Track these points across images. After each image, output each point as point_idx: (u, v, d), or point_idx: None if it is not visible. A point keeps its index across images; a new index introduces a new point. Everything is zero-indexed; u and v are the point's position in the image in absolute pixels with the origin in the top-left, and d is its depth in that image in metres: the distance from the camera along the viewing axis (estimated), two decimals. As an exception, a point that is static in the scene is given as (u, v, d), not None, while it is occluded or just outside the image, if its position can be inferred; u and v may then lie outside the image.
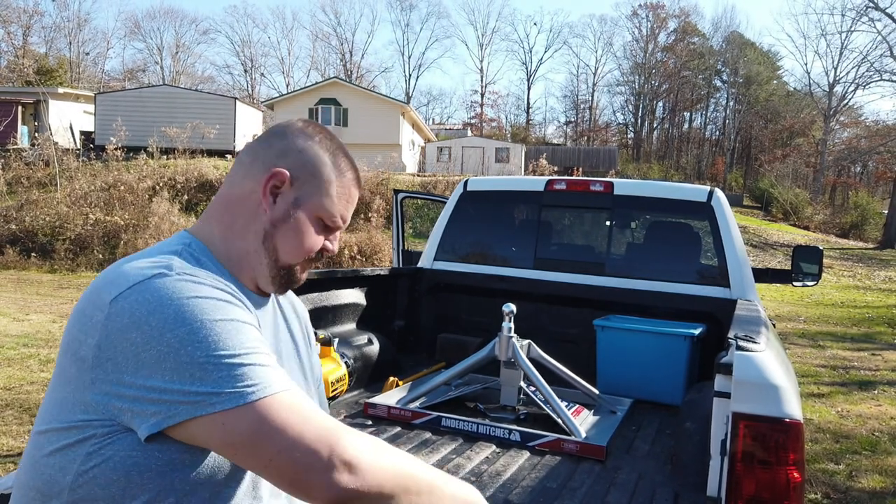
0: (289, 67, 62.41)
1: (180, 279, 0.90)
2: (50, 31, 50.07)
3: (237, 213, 1.06)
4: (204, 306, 0.88)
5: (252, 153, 1.08)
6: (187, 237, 1.06)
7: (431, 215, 15.02)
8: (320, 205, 1.07)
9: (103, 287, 0.92)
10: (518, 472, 2.25)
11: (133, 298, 0.87)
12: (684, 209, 3.76)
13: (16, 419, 4.73)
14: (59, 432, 0.91)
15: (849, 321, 11.84)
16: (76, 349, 0.90)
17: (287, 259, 1.07)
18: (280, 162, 1.05)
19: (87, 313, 0.91)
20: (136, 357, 0.85)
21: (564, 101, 78.69)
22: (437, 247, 4.11)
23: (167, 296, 0.87)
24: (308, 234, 1.07)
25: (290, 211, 1.05)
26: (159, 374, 0.84)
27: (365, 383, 3.26)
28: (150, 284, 0.89)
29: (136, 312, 0.86)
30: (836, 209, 37.60)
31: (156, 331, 0.85)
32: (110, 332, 0.87)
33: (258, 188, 1.04)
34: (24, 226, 15.84)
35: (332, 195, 1.07)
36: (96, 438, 0.88)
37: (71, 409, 0.90)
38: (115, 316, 0.87)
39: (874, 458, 4.77)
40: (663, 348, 3.16)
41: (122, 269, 0.94)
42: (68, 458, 0.90)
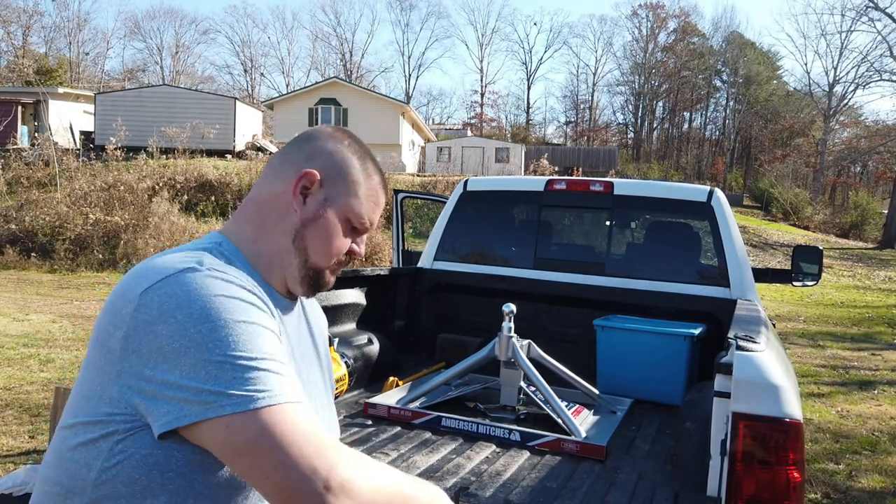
0: (289, 67, 62.45)
1: (210, 275, 0.91)
2: (50, 31, 50.11)
3: (268, 214, 1.08)
4: (229, 305, 0.88)
5: (282, 156, 1.11)
6: (218, 237, 1.07)
7: (431, 215, 15.01)
8: (349, 205, 1.09)
9: (134, 280, 0.93)
10: (518, 472, 2.25)
11: (163, 291, 0.89)
12: (684, 209, 3.76)
13: (16, 419, 4.73)
14: (85, 426, 0.92)
15: (849, 321, 11.84)
16: (105, 340, 0.91)
17: (316, 259, 1.08)
18: (310, 164, 1.07)
19: (117, 306, 0.92)
20: (160, 350, 0.86)
21: (564, 101, 78.77)
22: (437, 247, 4.11)
23: (195, 290, 0.88)
24: (337, 234, 1.09)
25: (320, 210, 1.07)
26: (178, 370, 0.85)
27: (365, 383, 3.26)
28: (180, 278, 0.90)
29: (165, 305, 0.87)
30: (836, 209, 37.62)
31: (181, 324, 0.86)
32: (138, 324, 0.88)
33: (288, 189, 1.06)
34: (24, 226, 15.84)
35: (360, 196, 1.10)
36: (119, 434, 0.89)
37: (97, 402, 0.91)
38: (143, 308, 0.88)
39: (874, 458, 4.78)
40: (663, 348, 3.16)
41: (153, 263, 0.95)
42: (92, 454, 0.91)
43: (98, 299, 10.75)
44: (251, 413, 0.84)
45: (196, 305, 0.87)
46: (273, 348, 0.90)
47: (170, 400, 0.85)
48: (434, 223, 4.24)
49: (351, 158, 1.10)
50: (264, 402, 0.84)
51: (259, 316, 0.91)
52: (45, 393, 5.31)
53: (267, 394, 0.85)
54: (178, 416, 0.85)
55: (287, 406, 0.86)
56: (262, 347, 0.88)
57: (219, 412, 0.84)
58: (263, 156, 21.89)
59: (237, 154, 23.37)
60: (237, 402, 0.84)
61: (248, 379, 0.85)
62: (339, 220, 1.08)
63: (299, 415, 0.86)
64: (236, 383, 0.84)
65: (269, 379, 0.86)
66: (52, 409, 3.62)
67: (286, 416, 0.85)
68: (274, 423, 0.84)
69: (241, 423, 0.84)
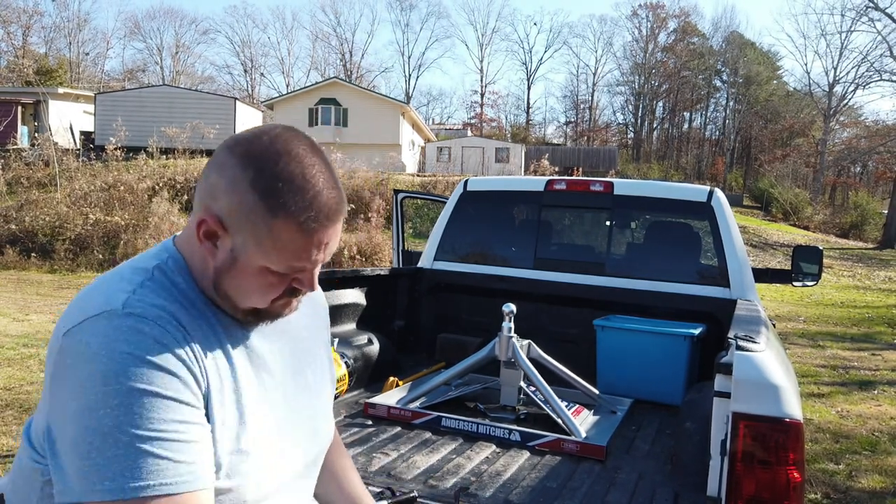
0: (289, 67, 62.48)
1: (125, 323, 0.84)
2: (50, 31, 50.12)
3: (194, 252, 0.96)
4: (133, 370, 0.81)
5: (197, 189, 0.95)
6: (170, 249, 0.99)
7: (431, 215, 15.01)
8: (260, 257, 0.89)
9: (67, 314, 0.90)
10: (518, 472, 2.25)
11: (78, 338, 0.85)
12: (684, 209, 3.76)
13: (16, 419, 4.73)
14: (28, 450, 0.92)
15: (849, 321, 11.84)
16: (46, 376, 0.89)
17: (248, 303, 0.94)
18: (212, 204, 0.90)
19: (51, 341, 0.89)
20: (64, 405, 0.83)
21: (564, 101, 78.75)
22: (437, 247, 4.11)
23: (104, 344, 0.83)
24: (259, 285, 0.92)
25: (228, 261, 0.91)
26: (72, 429, 0.81)
27: (365, 383, 3.26)
28: (96, 325, 0.85)
29: (77, 356, 0.84)
30: (835, 209, 37.61)
31: (83, 382, 0.82)
32: (57, 368, 0.86)
33: (194, 233, 0.93)
34: (24, 226, 15.84)
35: (266, 247, 0.88)
36: (45, 474, 0.88)
37: (39, 435, 0.90)
38: (63, 352, 0.85)
39: (874, 458, 4.78)
40: (663, 348, 3.16)
41: (84, 294, 0.92)
42: (31, 486, 0.91)
43: (98, 299, 10.75)
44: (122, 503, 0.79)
45: (99, 364, 0.81)
46: (168, 424, 0.82)
47: (62, 467, 0.82)
48: (434, 223, 4.23)
49: (251, 197, 0.87)
50: (132, 493, 0.79)
51: (165, 382, 0.83)
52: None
53: (137, 483, 0.79)
54: (62, 489, 0.82)
55: (155, 501, 0.79)
56: (154, 423, 0.81)
57: (90, 497, 0.79)
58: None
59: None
60: (107, 487, 0.79)
61: (126, 460, 0.79)
62: (255, 271, 0.91)
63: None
64: (112, 463, 0.79)
65: (147, 463, 0.80)
66: (52, 409, 3.62)
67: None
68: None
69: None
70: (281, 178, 0.87)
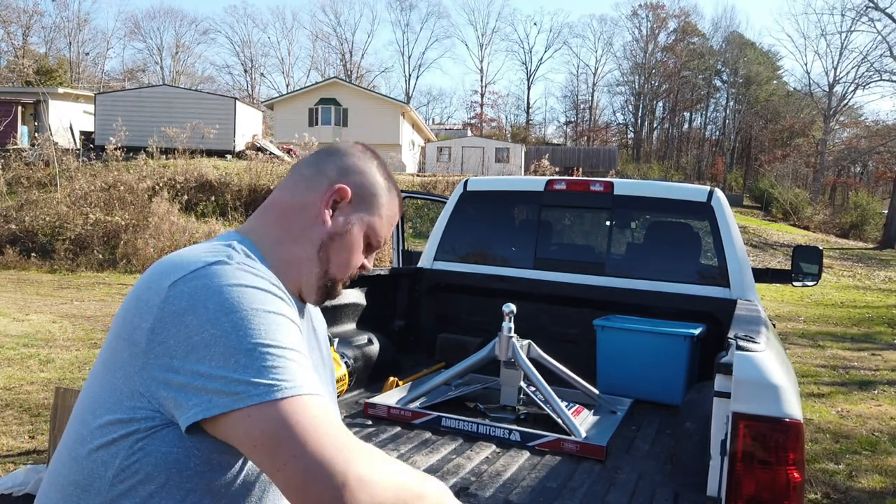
0: (289, 67, 62.48)
1: (239, 267, 0.93)
2: (50, 31, 50.11)
3: (294, 221, 1.10)
4: (260, 297, 0.90)
5: (314, 166, 1.13)
6: (237, 237, 1.08)
7: (431, 215, 15.03)
8: (372, 224, 1.14)
9: (163, 272, 0.93)
10: (518, 472, 2.25)
11: (193, 283, 0.89)
12: (684, 209, 3.76)
13: (16, 419, 4.73)
14: (108, 426, 0.91)
15: (849, 321, 11.84)
16: (129, 333, 0.91)
17: (335, 271, 1.12)
18: (343, 179, 1.11)
19: (143, 298, 0.92)
20: (188, 340, 0.86)
21: (564, 101, 78.77)
22: (437, 247, 4.11)
23: (226, 281, 0.89)
24: (357, 250, 1.14)
25: (347, 226, 1.11)
26: (207, 359, 0.85)
27: (365, 383, 3.26)
28: (210, 270, 0.91)
29: (195, 295, 0.88)
30: (836, 209, 37.61)
31: (212, 314, 0.86)
32: (165, 315, 0.88)
33: (319, 200, 1.09)
34: (24, 226, 15.84)
35: (383, 217, 1.15)
36: (140, 432, 0.89)
37: (119, 397, 0.91)
38: (172, 299, 0.89)
39: (874, 458, 4.78)
40: (663, 348, 3.16)
41: (179, 257, 0.96)
42: (111, 453, 0.91)
43: (98, 299, 10.75)
44: (275, 403, 0.84)
45: (227, 295, 0.88)
46: (297, 340, 0.91)
47: (198, 391, 0.85)
48: (434, 223, 4.23)
49: (380, 179, 1.15)
50: (289, 391, 0.85)
51: (287, 309, 0.93)
52: (45, 393, 5.31)
53: (291, 384, 0.85)
54: (207, 406, 0.85)
55: (309, 398, 0.86)
56: (287, 339, 0.89)
57: (246, 402, 0.84)
58: (263, 156, 21.87)
59: (237, 154, 23.37)
60: (263, 391, 0.84)
61: (275, 368, 0.86)
62: (360, 238, 1.13)
63: (320, 407, 0.87)
64: (263, 372, 0.85)
65: (293, 369, 0.87)
66: (52, 409, 3.61)
67: (307, 407, 0.85)
68: (296, 412, 0.84)
69: (264, 413, 0.84)
70: (390, 174, 1.20)
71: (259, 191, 18.48)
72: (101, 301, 10.56)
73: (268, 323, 0.88)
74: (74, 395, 3.60)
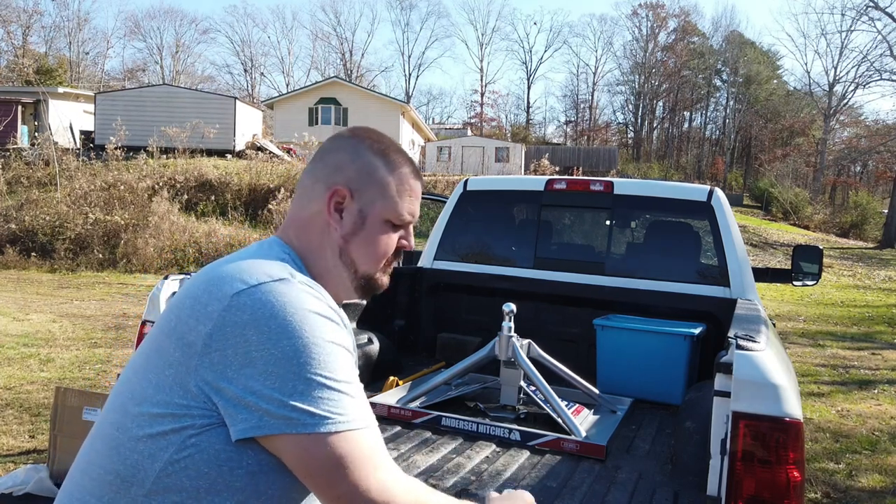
0: (289, 67, 62.45)
1: (303, 290, 0.94)
2: (50, 30, 50.05)
3: (311, 235, 1.10)
4: (321, 324, 0.91)
5: (311, 175, 1.12)
6: (286, 246, 1.09)
7: (431, 215, 15.01)
8: (385, 208, 1.10)
9: (224, 279, 0.94)
10: (518, 472, 2.26)
11: (257, 297, 0.90)
12: (684, 209, 3.76)
13: (16, 419, 4.73)
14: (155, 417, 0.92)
15: (849, 320, 11.84)
16: (184, 333, 0.92)
17: (366, 268, 1.11)
18: (337, 178, 1.09)
19: (202, 301, 0.93)
20: (247, 355, 0.87)
21: (564, 101, 78.71)
22: (438, 246, 4.11)
23: (290, 303, 0.90)
24: (380, 239, 1.11)
25: (358, 222, 1.09)
26: (263, 377, 0.86)
27: (365, 383, 3.26)
28: (276, 287, 0.92)
29: (259, 312, 0.89)
30: (836, 209, 37.58)
31: (274, 334, 0.87)
32: (226, 325, 0.89)
33: (323, 208, 1.09)
34: (24, 225, 15.83)
35: (392, 195, 1.10)
36: (194, 429, 0.90)
37: (169, 393, 0.91)
38: (235, 309, 0.90)
39: (874, 458, 4.78)
40: (663, 348, 3.16)
41: (243, 266, 0.97)
42: (160, 446, 0.91)
43: (98, 299, 10.75)
44: (327, 436, 0.87)
45: (290, 318, 0.89)
46: (352, 372, 0.94)
47: (250, 407, 0.87)
48: (434, 223, 4.23)
49: (374, 159, 1.11)
50: (342, 426, 0.88)
51: (344, 338, 0.95)
52: (45, 393, 5.31)
53: (346, 418, 0.88)
54: (257, 425, 0.87)
55: (359, 433, 0.89)
56: (344, 371, 0.91)
57: (298, 429, 0.86)
58: (263, 155, 21.87)
59: (237, 154, 23.36)
60: (317, 422, 0.86)
61: (330, 401, 0.88)
62: (380, 225, 1.10)
63: (371, 442, 0.90)
64: (319, 403, 0.87)
65: (347, 403, 0.90)
66: (53, 408, 3.62)
67: (359, 442, 0.89)
68: (348, 448, 0.87)
69: (316, 444, 0.87)
70: (389, 145, 1.13)
71: (259, 190, 18.48)
72: (102, 300, 10.56)
73: (327, 353, 0.89)
74: (74, 394, 3.60)
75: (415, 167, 1.15)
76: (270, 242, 1.10)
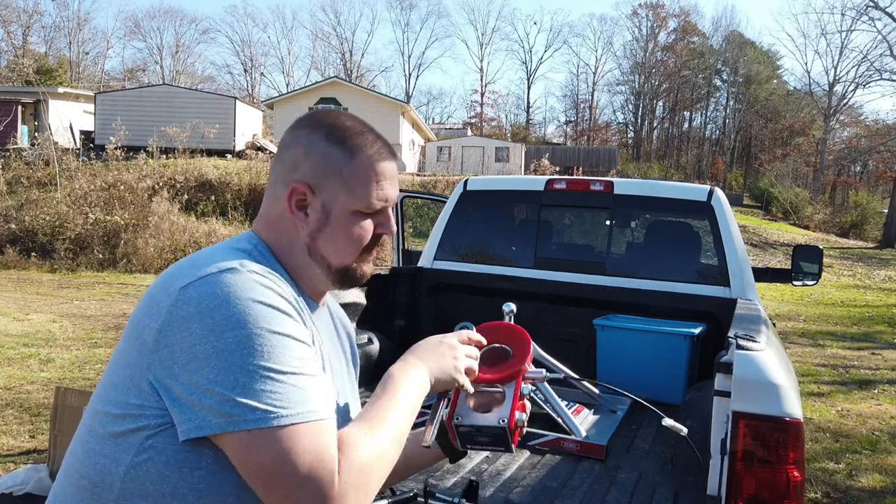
0: (289, 67, 62.46)
1: (251, 277, 0.91)
2: (50, 30, 50.08)
3: (280, 232, 1.06)
4: (266, 314, 0.88)
5: (273, 173, 1.09)
6: (255, 239, 1.06)
7: (431, 215, 15.00)
8: (348, 199, 1.04)
9: (176, 274, 0.94)
10: (518, 472, 2.25)
11: (203, 289, 0.89)
12: (684, 208, 3.76)
13: (16, 419, 4.73)
14: (114, 418, 0.91)
15: (849, 320, 11.83)
16: (139, 331, 0.91)
17: (339, 262, 1.06)
18: (294, 175, 1.04)
19: (155, 297, 0.92)
20: (192, 349, 0.85)
21: (564, 101, 78.63)
22: (438, 246, 4.11)
23: (235, 293, 0.88)
24: (350, 232, 1.05)
25: (322, 219, 1.04)
26: (206, 371, 0.84)
27: (365, 383, 3.26)
28: (222, 277, 0.90)
29: (203, 303, 0.87)
30: (836, 208, 37.60)
31: (218, 326, 0.86)
32: (174, 319, 0.88)
33: (286, 208, 1.04)
34: (24, 225, 15.84)
35: (356, 184, 1.04)
36: (149, 429, 0.89)
37: (126, 393, 0.91)
38: (181, 303, 0.88)
39: (874, 457, 4.78)
40: (663, 348, 3.16)
41: (195, 259, 0.96)
42: (121, 448, 0.90)
43: (98, 299, 10.75)
44: (269, 431, 0.84)
45: (234, 309, 0.87)
46: (302, 361, 0.89)
47: (193, 406, 0.85)
48: (434, 223, 4.23)
49: (330, 149, 1.03)
50: (285, 419, 0.84)
51: (293, 327, 0.91)
52: (45, 393, 5.31)
53: (288, 411, 0.85)
54: (199, 425, 0.85)
55: (305, 426, 0.86)
56: (291, 361, 0.88)
57: (239, 426, 0.84)
58: (264, 155, 21.87)
59: (237, 154, 23.36)
60: (259, 416, 0.84)
61: (273, 392, 0.85)
62: (347, 217, 1.04)
63: (315, 434, 0.86)
64: (261, 395, 0.84)
65: (293, 394, 0.86)
66: (53, 408, 3.62)
67: (302, 436, 0.85)
68: (289, 442, 0.84)
69: (257, 440, 0.84)
70: (347, 130, 1.05)
71: (259, 190, 18.48)
72: (102, 301, 10.56)
73: (272, 344, 0.86)
74: (74, 394, 3.60)
75: (382, 146, 1.07)
76: (241, 236, 1.08)
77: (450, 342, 1.17)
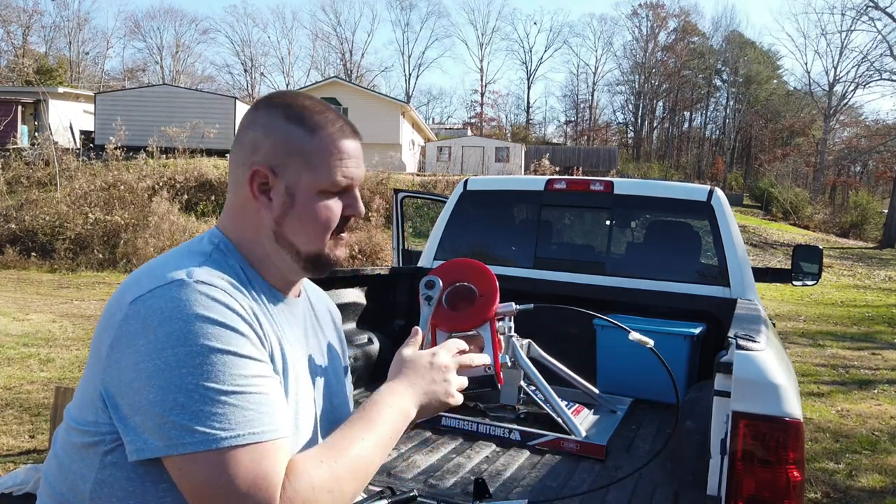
0: (289, 67, 62.43)
1: (198, 289, 0.88)
2: (50, 30, 50.08)
3: (245, 221, 1.03)
4: (210, 330, 0.85)
5: (234, 160, 1.04)
6: (218, 235, 1.04)
7: (431, 215, 15.00)
8: (313, 179, 1.00)
9: (130, 285, 0.92)
10: (518, 472, 2.26)
11: (149, 304, 0.87)
12: (684, 209, 3.76)
13: (16, 419, 4.74)
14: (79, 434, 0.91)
15: (849, 320, 11.83)
16: (97, 346, 0.91)
17: (308, 247, 1.03)
18: (255, 157, 1.00)
19: (111, 310, 0.91)
20: (136, 366, 0.84)
21: (564, 101, 78.56)
22: (437, 246, 4.11)
23: (179, 309, 0.85)
24: (318, 213, 1.01)
25: (287, 201, 1.00)
26: (147, 391, 0.83)
27: (365, 383, 3.26)
28: (167, 292, 0.87)
29: (148, 319, 0.86)
30: (836, 209, 37.59)
31: (160, 343, 0.84)
32: (122, 334, 0.87)
33: (248, 194, 1.01)
34: (24, 225, 15.84)
35: (318, 163, 1.00)
36: (105, 444, 0.88)
37: (84, 408, 0.91)
38: (130, 318, 0.87)
39: (874, 457, 4.78)
40: (663, 348, 3.15)
41: (148, 269, 0.95)
42: (86, 464, 0.90)
43: (98, 299, 10.75)
44: (207, 454, 0.81)
45: (175, 325, 0.84)
46: (247, 379, 0.86)
47: (136, 427, 0.84)
48: (434, 223, 4.23)
49: (289, 128, 1.00)
50: (224, 443, 0.82)
51: (238, 343, 0.87)
52: (45, 393, 5.31)
53: (227, 433, 0.82)
54: (140, 447, 0.83)
55: (245, 449, 0.82)
56: (234, 379, 0.84)
57: (178, 450, 0.81)
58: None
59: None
60: (197, 439, 0.81)
61: (214, 414, 0.82)
62: (313, 198, 1.01)
63: (257, 457, 0.83)
64: (200, 417, 0.82)
65: (234, 415, 0.83)
66: (53, 408, 3.62)
67: (241, 459, 0.82)
68: (226, 466, 0.81)
69: (193, 464, 0.82)
70: (306, 108, 1.02)
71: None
72: (102, 301, 10.56)
73: (213, 362, 0.83)
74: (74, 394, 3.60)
75: (344, 125, 1.04)
76: (203, 235, 1.05)
77: (441, 362, 1.09)
